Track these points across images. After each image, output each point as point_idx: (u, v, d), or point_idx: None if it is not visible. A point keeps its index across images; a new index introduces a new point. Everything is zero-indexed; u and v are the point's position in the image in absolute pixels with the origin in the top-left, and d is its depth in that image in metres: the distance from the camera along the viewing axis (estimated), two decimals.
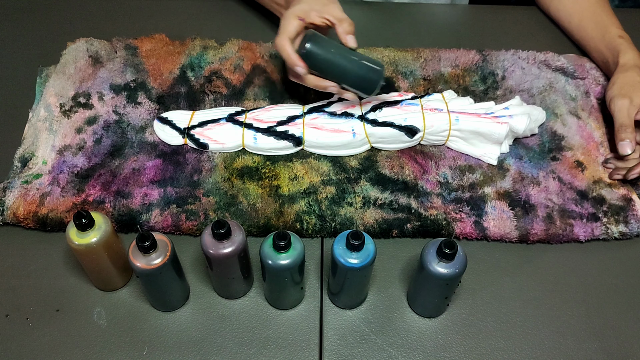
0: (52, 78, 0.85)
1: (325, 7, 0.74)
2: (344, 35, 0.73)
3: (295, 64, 0.70)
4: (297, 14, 0.73)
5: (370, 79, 0.73)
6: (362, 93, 0.74)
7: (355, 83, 0.73)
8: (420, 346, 0.64)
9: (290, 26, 0.72)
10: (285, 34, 0.71)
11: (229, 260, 0.60)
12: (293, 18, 0.73)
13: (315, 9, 0.74)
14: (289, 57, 0.70)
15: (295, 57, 0.70)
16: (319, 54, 0.71)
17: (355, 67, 0.72)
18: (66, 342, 0.63)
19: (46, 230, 0.71)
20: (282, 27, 0.72)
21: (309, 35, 0.71)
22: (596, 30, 0.90)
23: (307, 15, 0.73)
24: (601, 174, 0.77)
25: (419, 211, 0.72)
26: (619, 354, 0.64)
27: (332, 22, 0.74)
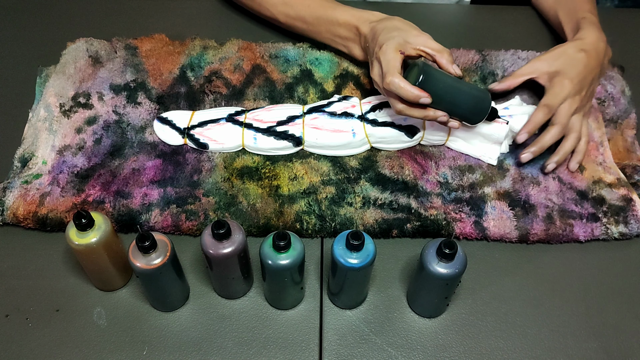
0: (52, 78, 0.85)
1: (419, 39, 0.73)
2: (449, 65, 0.72)
3: (420, 96, 0.68)
4: (398, 48, 0.71)
5: (481, 105, 0.72)
6: (467, 121, 0.74)
7: (465, 113, 0.72)
8: (420, 346, 0.64)
9: (395, 61, 0.70)
10: (395, 70, 0.69)
11: (229, 260, 0.60)
12: (395, 52, 0.71)
13: (410, 42, 0.72)
14: (410, 92, 0.68)
15: (418, 90, 0.68)
16: (433, 84, 0.69)
17: (467, 98, 0.71)
18: (66, 342, 0.63)
19: (46, 230, 0.71)
20: (388, 64, 0.70)
21: (422, 66, 0.69)
22: (567, 16, 0.89)
23: (405, 49, 0.72)
24: (601, 174, 0.77)
25: (419, 211, 0.72)
26: (619, 354, 0.64)
27: (430, 54, 0.73)
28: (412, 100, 0.68)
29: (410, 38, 0.73)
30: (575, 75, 0.75)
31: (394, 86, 0.69)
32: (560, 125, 0.75)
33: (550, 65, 0.77)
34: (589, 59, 0.77)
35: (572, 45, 0.79)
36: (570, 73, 0.76)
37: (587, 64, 0.77)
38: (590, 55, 0.77)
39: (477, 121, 0.74)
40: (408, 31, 0.74)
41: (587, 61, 0.77)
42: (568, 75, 0.75)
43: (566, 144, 0.76)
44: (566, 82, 0.75)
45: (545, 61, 0.78)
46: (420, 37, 0.73)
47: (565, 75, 0.76)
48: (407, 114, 0.71)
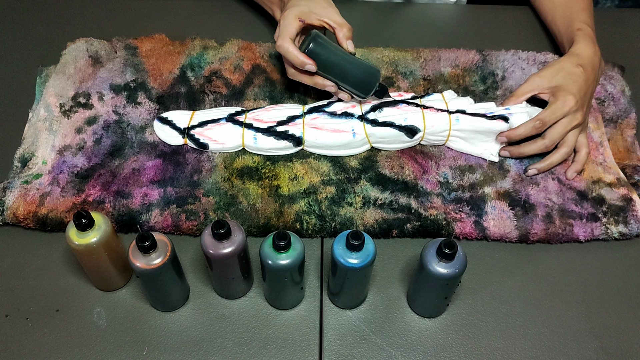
0: (52, 78, 0.85)
1: (325, 11, 0.76)
2: (344, 40, 0.75)
3: (305, 62, 0.72)
4: (298, 15, 0.74)
5: (368, 81, 0.75)
6: (358, 94, 0.76)
7: (354, 84, 0.75)
8: (420, 346, 0.64)
9: (291, 27, 0.74)
10: (287, 35, 0.73)
11: (229, 260, 0.60)
12: (294, 19, 0.74)
13: (315, 12, 0.75)
14: (296, 57, 0.72)
15: (303, 56, 0.72)
16: (322, 54, 0.73)
17: (355, 69, 0.74)
18: (66, 342, 0.63)
19: (46, 230, 0.71)
20: (283, 28, 0.74)
21: (313, 35, 0.73)
22: (563, 25, 0.89)
23: (307, 17, 0.75)
24: (600, 173, 0.77)
25: (419, 211, 0.72)
26: (619, 354, 0.64)
27: (332, 26, 0.76)
28: (298, 65, 0.73)
29: (317, 9, 0.76)
30: (577, 91, 0.76)
31: (282, 50, 0.73)
32: (550, 140, 0.75)
33: (550, 80, 0.77)
34: (587, 74, 0.78)
35: (569, 60, 0.79)
36: (572, 88, 0.76)
37: (586, 79, 0.77)
38: (587, 70, 0.78)
39: (366, 94, 0.76)
40: (317, 2, 0.77)
41: (585, 76, 0.77)
42: (570, 91, 0.75)
43: (554, 156, 0.76)
44: (569, 97, 0.75)
45: (545, 77, 0.78)
46: (327, 10, 0.76)
47: (567, 90, 0.76)
48: (297, 78, 0.76)
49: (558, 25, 0.91)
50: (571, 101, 0.74)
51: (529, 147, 0.76)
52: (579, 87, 0.76)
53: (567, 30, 0.87)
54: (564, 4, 0.92)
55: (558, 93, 0.76)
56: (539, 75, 0.79)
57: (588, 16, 0.87)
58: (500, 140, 0.77)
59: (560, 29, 0.89)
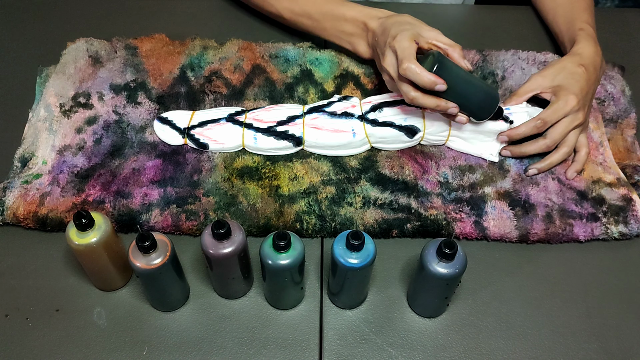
0: (52, 78, 0.85)
1: (431, 33, 0.75)
2: (461, 60, 0.73)
3: (436, 82, 0.68)
4: (412, 38, 0.72)
5: (489, 105, 0.73)
6: (478, 116, 0.74)
7: (474, 107, 0.73)
8: (420, 346, 0.64)
9: (411, 49, 0.71)
10: (412, 57, 0.70)
11: (229, 260, 0.60)
12: (410, 41, 0.72)
13: (423, 35, 0.74)
14: (428, 78, 0.68)
15: (435, 77, 0.68)
16: (446, 74, 0.70)
17: (477, 90, 0.72)
18: (66, 342, 0.63)
19: (46, 230, 0.71)
20: (403, 51, 0.71)
21: (437, 56, 0.70)
22: (564, 25, 0.89)
23: (418, 40, 0.73)
24: (600, 173, 0.77)
25: (419, 211, 0.72)
26: (619, 354, 0.64)
27: (442, 48, 0.74)
28: (428, 86, 0.69)
29: (423, 32, 0.74)
30: (579, 91, 0.76)
31: (410, 72, 0.69)
32: (551, 140, 0.76)
33: (552, 80, 0.77)
34: (589, 74, 0.78)
35: (571, 60, 0.79)
36: (573, 88, 0.76)
37: (588, 79, 0.77)
38: (589, 70, 0.78)
39: (484, 117, 0.74)
40: (419, 25, 0.76)
41: (587, 76, 0.77)
42: (572, 90, 0.75)
43: (554, 156, 0.76)
44: (571, 97, 0.75)
45: (547, 77, 0.78)
46: (432, 32, 0.75)
47: (569, 90, 0.75)
48: (420, 102, 0.71)
49: (559, 25, 0.91)
50: (573, 101, 0.74)
51: (530, 146, 0.76)
52: (580, 87, 0.76)
53: (569, 30, 0.87)
54: (565, 4, 0.92)
55: (560, 92, 0.76)
56: (541, 74, 0.79)
57: (589, 16, 0.87)
58: (501, 139, 0.77)
59: (562, 28, 0.89)
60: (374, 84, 0.86)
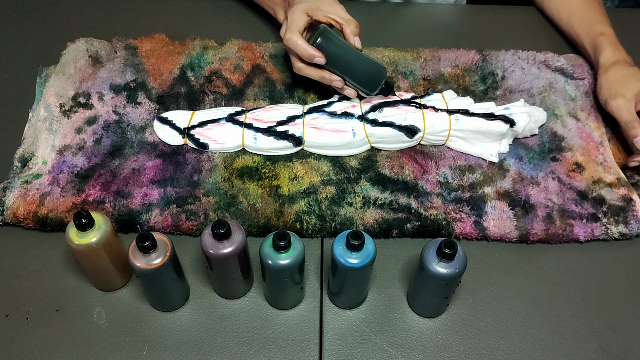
0: (52, 78, 0.85)
1: (331, 7, 0.77)
2: (352, 36, 0.76)
3: (314, 55, 0.73)
4: (306, 10, 0.76)
5: (374, 76, 0.76)
6: (364, 90, 0.77)
7: (361, 79, 0.76)
8: (420, 346, 0.64)
9: (299, 21, 0.75)
10: (296, 29, 0.74)
11: (229, 260, 0.60)
12: (301, 14, 0.75)
13: (322, 9, 0.77)
14: (305, 50, 0.73)
15: (313, 49, 0.73)
16: (330, 47, 0.74)
17: (362, 64, 0.76)
18: (66, 342, 0.63)
19: (46, 230, 0.71)
20: (291, 22, 0.75)
21: (322, 30, 0.74)
22: (582, 28, 0.91)
23: (314, 13, 0.76)
24: (600, 174, 0.77)
25: (419, 211, 0.72)
26: (619, 354, 0.64)
27: (339, 23, 0.77)
28: (307, 58, 0.74)
29: (324, 6, 0.77)
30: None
31: (291, 43, 0.74)
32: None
33: (631, 90, 0.78)
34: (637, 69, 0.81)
35: (624, 66, 0.81)
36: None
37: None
38: (635, 66, 0.82)
39: (371, 91, 0.77)
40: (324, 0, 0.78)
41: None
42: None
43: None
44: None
45: (626, 94, 0.78)
46: (333, 7, 0.78)
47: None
48: (304, 73, 0.77)
49: (575, 28, 0.92)
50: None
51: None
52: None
53: (589, 33, 0.89)
54: (579, 5, 0.93)
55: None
56: (622, 94, 0.78)
57: (605, 17, 0.90)
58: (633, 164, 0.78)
59: (579, 31, 0.91)
60: None
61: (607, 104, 0.80)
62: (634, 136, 0.76)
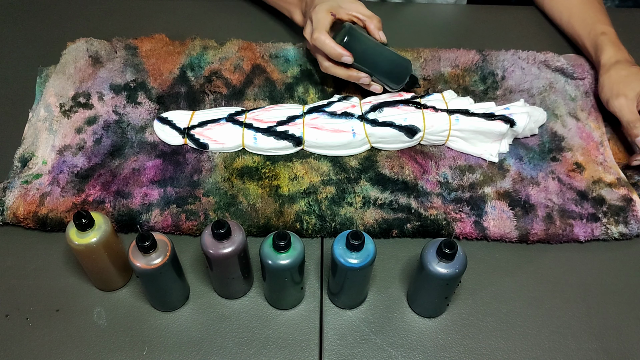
0: (52, 78, 0.85)
1: (353, 5, 0.78)
2: (376, 31, 0.78)
3: (342, 54, 0.74)
4: (329, 9, 0.76)
5: (401, 70, 0.78)
6: (391, 85, 0.79)
7: (387, 74, 0.78)
8: (420, 346, 0.64)
9: (325, 20, 0.76)
10: (323, 28, 0.75)
11: (229, 260, 0.60)
12: (326, 13, 0.76)
13: (344, 7, 0.78)
14: (334, 49, 0.74)
15: (341, 48, 0.74)
16: (357, 45, 0.75)
17: (388, 60, 0.77)
18: (66, 342, 0.63)
19: (46, 230, 0.71)
20: (317, 22, 0.76)
21: (348, 28, 0.75)
22: (582, 27, 0.91)
23: (337, 12, 0.77)
24: (601, 174, 0.77)
25: (419, 211, 0.72)
26: (619, 354, 0.64)
27: (362, 19, 0.78)
28: (335, 57, 0.74)
29: (345, 4, 0.78)
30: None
31: (319, 42, 0.74)
32: None
33: (633, 90, 0.78)
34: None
35: (622, 67, 0.81)
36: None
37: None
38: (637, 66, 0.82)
39: (398, 85, 0.78)
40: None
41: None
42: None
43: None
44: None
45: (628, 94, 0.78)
46: (354, 4, 0.79)
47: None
48: (331, 72, 0.78)
49: (576, 28, 0.92)
50: None
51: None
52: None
53: (590, 33, 0.89)
54: (579, 5, 0.93)
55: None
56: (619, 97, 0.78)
57: (606, 16, 0.90)
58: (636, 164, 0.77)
59: (580, 31, 0.91)
60: None
61: (609, 104, 0.80)
62: (636, 135, 0.76)
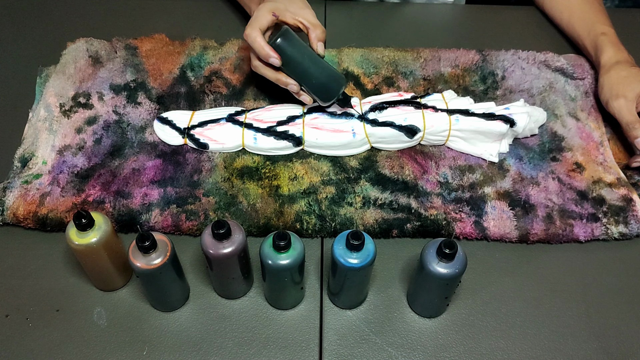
0: (52, 78, 0.85)
1: (301, 11, 0.75)
2: (315, 42, 0.74)
3: (270, 55, 0.71)
4: (272, 9, 0.74)
5: (331, 87, 0.74)
6: (319, 99, 0.75)
7: (317, 88, 0.74)
8: (420, 346, 0.64)
9: (263, 19, 0.73)
10: (257, 25, 0.73)
11: (229, 260, 0.60)
12: (267, 12, 0.74)
13: (290, 10, 0.75)
14: (262, 49, 0.71)
15: (269, 49, 0.71)
16: (289, 50, 0.72)
17: (319, 72, 0.73)
18: (66, 342, 0.63)
19: (46, 230, 0.71)
20: (255, 19, 0.73)
21: (283, 30, 0.72)
22: (582, 27, 0.91)
23: (281, 14, 0.75)
24: (601, 174, 0.77)
25: (419, 211, 0.72)
26: (619, 354, 0.64)
27: (306, 26, 0.75)
28: (263, 57, 0.72)
29: (293, 8, 0.75)
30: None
31: (250, 39, 0.72)
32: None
33: (632, 91, 0.78)
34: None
35: (625, 66, 0.81)
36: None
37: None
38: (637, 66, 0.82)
39: (328, 100, 0.75)
40: (295, 2, 0.77)
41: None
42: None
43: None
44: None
45: (627, 95, 0.78)
46: (303, 10, 0.76)
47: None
48: (260, 71, 0.75)
49: (576, 28, 0.92)
50: None
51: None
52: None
53: (590, 33, 0.89)
54: (580, 5, 0.93)
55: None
56: (619, 98, 0.78)
57: (606, 17, 0.90)
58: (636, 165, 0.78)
59: (580, 31, 0.91)
60: (374, 84, 0.86)
61: (609, 105, 0.80)
62: (635, 137, 0.76)
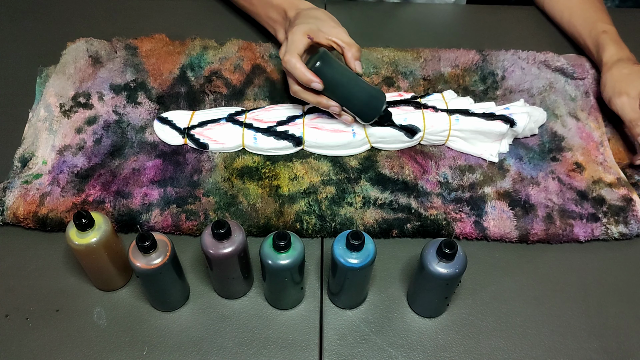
0: (52, 78, 0.85)
1: (333, 30, 0.74)
2: (352, 61, 0.73)
3: (312, 80, 0.69)
4: (306, 32, 0.72)
5: (373, 105, 0.73)
6: (361, 118, 0.74)
7: (358, 108, 0.73)
8: (420, 346, 0.64)
9: (299, 43, 0.71)
10: (295, 51, 0.71)
11: (229, 260, 0.60)
12: (302, 35, 0.72)
13: (324, 31, 0.73)
14: (303, 74, 0.69)
15: (311, 74, 0.69)
16: (329, 73, 0.70)
17: (361, 92, 0.72)
18: (66, 342, 0.63)
19: (46, 230, 0.71)
20: (291, 44, 0.71)
21: (321, 53, 0.70)
22: (583, 26, 0.91)
23: (315, 35, 0.73)
24: (601, 174, 0.77)
25: (419, 211, 0.72)
26: (619, 354, 0.64)
27: (340, 46, 0.73)
28: (305, 83, 0.70)
29: (325, 28, 0.74)
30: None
31: (289, 65, 0.70)
32: None
33: (635, 89, 0.78)
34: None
35: (628, 64, 0.81)
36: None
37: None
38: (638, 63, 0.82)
39: (370, 119, 0.74)
40: (326, 21, 0.75)
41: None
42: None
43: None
44: None
45: (630, 93, 0.78)
46: (336, 29, 0.74)
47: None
48: (300, 96, 0.73)
49: (577, 26, 0.92)
50: None
51: None
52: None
53: (591, 32, 0.88)
54: (579, 4, 0.93)
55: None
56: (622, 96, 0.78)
57: (607, 15, 0.90)
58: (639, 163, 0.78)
59: (581, 30, 0.91)
60: (374, 84, 0.86)
61: (611, 102, 0.80)
62: (638, 134, 0.76)
